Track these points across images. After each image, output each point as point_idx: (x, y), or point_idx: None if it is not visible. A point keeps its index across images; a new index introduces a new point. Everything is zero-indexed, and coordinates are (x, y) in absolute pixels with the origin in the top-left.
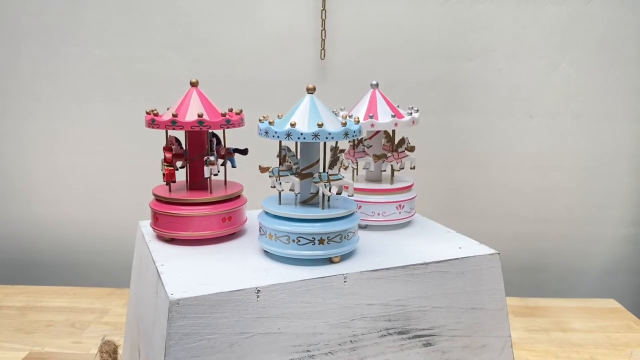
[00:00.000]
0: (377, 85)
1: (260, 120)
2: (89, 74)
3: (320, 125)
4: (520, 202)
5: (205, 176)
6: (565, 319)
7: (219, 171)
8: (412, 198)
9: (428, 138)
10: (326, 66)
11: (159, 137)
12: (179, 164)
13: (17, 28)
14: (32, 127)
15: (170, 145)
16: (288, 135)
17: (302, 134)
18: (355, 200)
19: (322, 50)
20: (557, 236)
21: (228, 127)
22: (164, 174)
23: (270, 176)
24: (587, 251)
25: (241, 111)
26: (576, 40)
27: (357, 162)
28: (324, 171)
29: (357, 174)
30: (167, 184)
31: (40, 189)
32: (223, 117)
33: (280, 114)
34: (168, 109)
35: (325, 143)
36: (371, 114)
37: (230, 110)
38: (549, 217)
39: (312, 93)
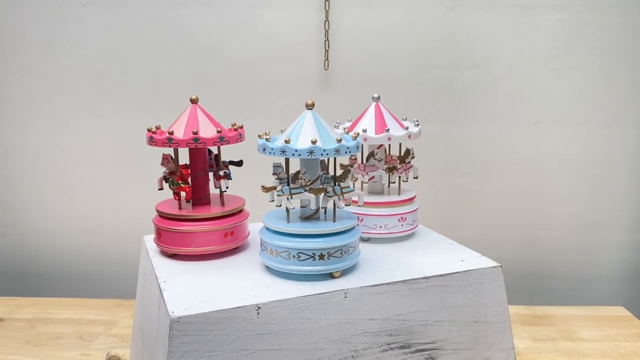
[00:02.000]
0: (378, 98)
1: (259, 136)
2: (95, 88)
3: (314, 142)
4: (524, 209)
5: (223, 189)
6: (573, 328)
7: (227, 187)
8: (415, 210)
9: (431, 146)
10: (330, 76)
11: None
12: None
13: (23, 41)
14: (39, 141)
15: (165, 162)
16: (283, 151)
17: (296, 151)
18: (357, 214)
19: (326, 61)
20: (563, 243)
21: (222, 144)
22: (175, 193)
23: (278, 195)
24: (594, 258)
25: (241, 126)
26: (581, 46)
27: (367, 176)
28: (336, 184)
29: (362, 188)
30: (188, 202)
31: (49, 201)
32: (217, 134)
33: (268, 131)
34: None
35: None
36: (364, 129)
37: (233, 125)
38: (554, 224)
39: (311, 109)
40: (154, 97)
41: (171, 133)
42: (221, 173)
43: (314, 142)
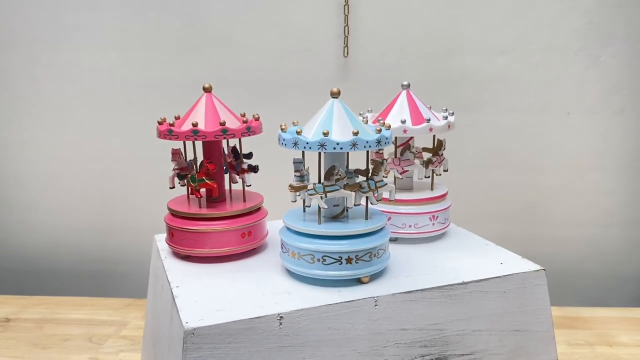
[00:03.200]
0: (408, 86)
1: (282, 128)
2: (105, 80)
3: (355, 134)
4: (557, 205)
5: (248, 184)
6: (611, 331)
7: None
8: (447, 208)
9: (458, 138)
10: (349, 64)
11: (179, 143)
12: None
13: (31, 33)
14: (48, 135)
15: (177, 157)
16: (322, 145)
17: (338, 144)
18: (385, 212)
19: (345, 48)
20: (597, 240)
21: (249, 135)
22: (195, 189)
23: (310, 194)
24: (630, 256)
25: (249, 118)
26: (617, 30)
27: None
28: (370, 179)
29: (395, 183)
30: (215, 199)
31: (59, 197)
32: (244, 125)
33: (295, 121)
34: (177, 118)
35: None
36: (403, 119)
37: (254, 116)
38: (588, 220)
39: (336, 97)
40: (165, 89)
41: (195, 125)
42: (245, 166)
43: (355, 134)
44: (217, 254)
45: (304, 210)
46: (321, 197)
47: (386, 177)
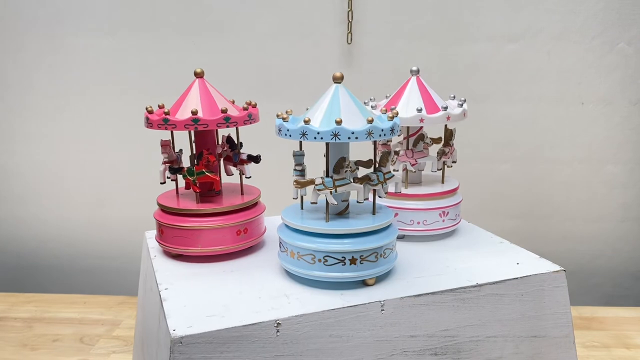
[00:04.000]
0: (417, 71)
1: (284, 118)
2: (98, 66)
3: (370, 122)
4: (570, 199)
5: (247, 176)
6: (627, 332)
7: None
8: (458, 203)
9: (466, 130)
10: (353, 51)
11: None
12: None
13: (20, 18)
14: (37, 125)
15: (167, 149)
16: (335, 135)
17: (352, 133)
18: (391, 207)
19: (349, 34)
20: (612, 236)
21: (228, 126)
22: (194, 183)
23: (319, 189)
24: None
25: (248, 105)
26: (636, 17)
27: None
28: (378, 170)
29: (406, 177)
30: (217, 193)
31: (49, 190)
32: (245, 112)
33: (289, 110)
34: (160, 107)
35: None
36: (419, 107)
37: (249, 103)
38: (602, 215)
39: (339, 82)
40: (160, 76)
41: (195, 112)
42: (244, 156)
43: (370, 122)
44: (210, 253)
45: (302, 207)
46: (330, 192)
47: (393, 165)
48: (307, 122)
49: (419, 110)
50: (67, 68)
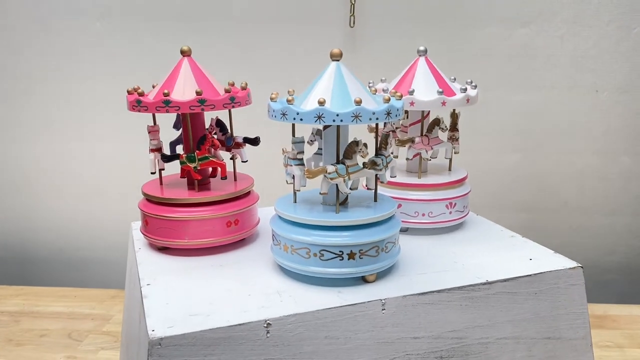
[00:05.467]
0: (425, 51)
1: (272, 98)
2: (89, 50)
3: (358, 102)
4: (583, 191)
5: (243, 159)
6: None
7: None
8: (466, 194)
9: (475, 118)
10: (357, 35)
11: (168, 119)
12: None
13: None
14: (25, 113)
15: (157, 134)
16: (356, 117)
17: (337, 115)
18: (394, 198)
19: (352, 17)
20: (626, 230)
21: (234, 106)
22: (195, 170)
23: (332, 178)
24: None
25: (246, 85)
26: None
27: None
28: (380, 154)
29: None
30: (223, 179)
31: (38, 177)
32: (227, 94)
33: (291, 90)
34: (154, 87)
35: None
36: (440, 90)
37: (241, 85)
38: (617, 209)
39: (338, 60)
40: (153, 59)
41: (166, 94)
42: (240, 139)
43: (358, 103)
44: (198, 245)
45: (295, 201)
46: (344, 180)
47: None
48: (289, 102)
49: (440, 93)
50: (57, 52)
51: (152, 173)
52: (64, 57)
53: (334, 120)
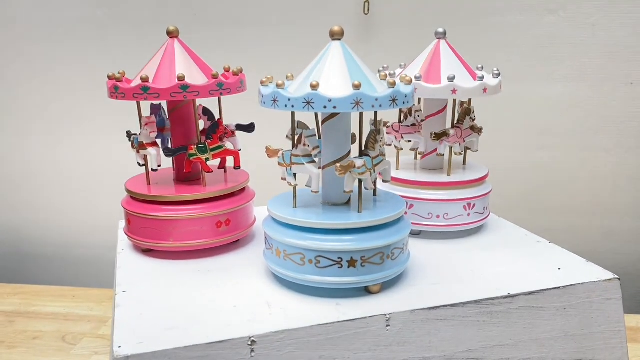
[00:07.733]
0: (444, 34)
1: (262, 82)
2: (89, 38)
3: (356, 87)
4: (616, 192)
5: (238, 148)
6: None
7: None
8: (487, 194)
9: (497, 112)
10: (371, 23)
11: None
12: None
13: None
14: (20, 108)
15: (153, 125)
16: (393, 100)
17: (330, 101)
18: (405, 198)
19: (366, 3)
20: None
21: (222, 94)
22: (206, 162)
23: (361, 172)
24: None
25: (241, 70)
26: None
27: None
28: (364, 154)
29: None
30: (237, 168)
31: (36, 172)
32: (214, 80)
33: (290, 75)
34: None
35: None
36: (451, 76)
37: (233, 71)
38: None
39: (339, 39)
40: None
41: (145, 79)
42: (232, 127)
43: (357, 87)
44: (184, 248)
45: (295, 200)
46: (370, 174)
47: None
48: (279, 86)
49: (451, 79)
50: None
51: (153, 170)
52: (62, 49)
53: (325, 107)
